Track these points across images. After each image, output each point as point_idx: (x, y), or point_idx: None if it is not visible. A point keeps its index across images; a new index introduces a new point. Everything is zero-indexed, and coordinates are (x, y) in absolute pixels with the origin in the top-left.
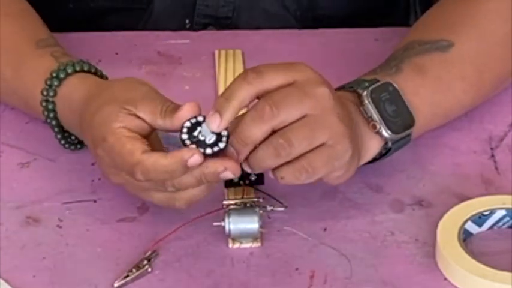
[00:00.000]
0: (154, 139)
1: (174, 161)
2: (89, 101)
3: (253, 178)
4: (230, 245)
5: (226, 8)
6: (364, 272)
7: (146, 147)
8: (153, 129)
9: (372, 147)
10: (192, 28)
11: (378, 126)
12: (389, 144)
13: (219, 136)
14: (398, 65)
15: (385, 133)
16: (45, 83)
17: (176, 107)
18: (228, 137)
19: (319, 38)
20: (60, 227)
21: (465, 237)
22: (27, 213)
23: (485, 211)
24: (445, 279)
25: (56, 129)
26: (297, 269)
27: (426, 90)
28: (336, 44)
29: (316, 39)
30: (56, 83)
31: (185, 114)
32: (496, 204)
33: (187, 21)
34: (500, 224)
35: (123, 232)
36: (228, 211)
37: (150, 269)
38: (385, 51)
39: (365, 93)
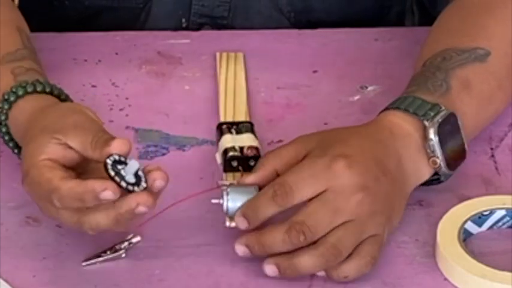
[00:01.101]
0: (93, 167)
1: (86, 191)
2: (27, 129)
3: (252, 164)
4: (227, 223)
5: (221, 8)
6: None
7: (65, 174)
8: (85, 158)
9: (424, 175)
10: (188, 28)
11: (438, 163)
12: (442, 178)
13: (138, 179)
14: (446, 80)
15: (444, 169)
16: None
17: (108, 139)
18: (146, 182)
19: (319, 38)
20: (60, 227)
21: (465, 237)
22: (27, 213)
23: (485, 211)
24: (445, 279)
25: (16, 151)
26: None
27: (472, 109)
28: (335, 44)
29: (316, 39)
30: (6, 106)
31: (113, 150)
32: (496, 204)
33: (183, 20)
34: (500, 224)
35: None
36: (226, 189)
37: (124, 255)
38: (385, 51)
39: (431, 126)
